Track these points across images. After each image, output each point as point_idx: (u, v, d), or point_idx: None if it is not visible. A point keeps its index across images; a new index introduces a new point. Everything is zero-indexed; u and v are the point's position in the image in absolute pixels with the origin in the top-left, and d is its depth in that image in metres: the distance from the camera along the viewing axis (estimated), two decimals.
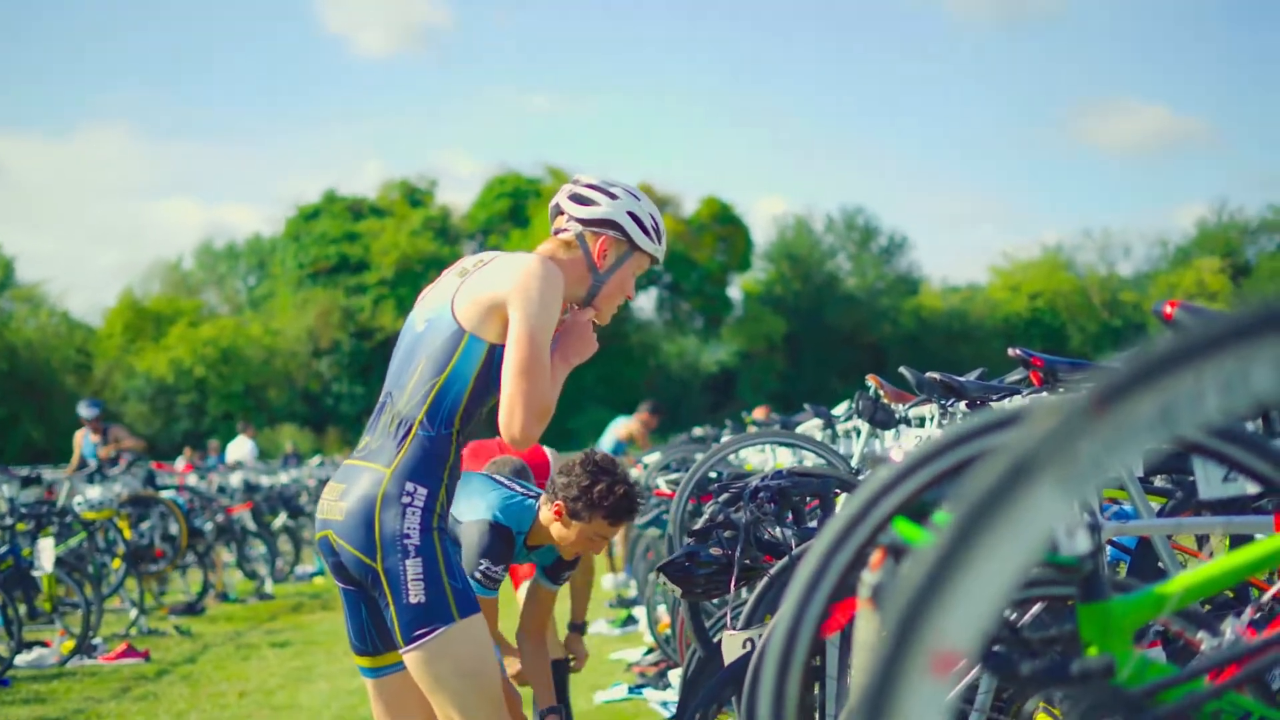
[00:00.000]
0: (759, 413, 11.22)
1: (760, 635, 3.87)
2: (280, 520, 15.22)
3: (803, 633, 1.81)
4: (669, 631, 8.48)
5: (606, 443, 14.94)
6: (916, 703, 1.03)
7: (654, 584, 8.54)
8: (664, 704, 7.32)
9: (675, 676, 7.81)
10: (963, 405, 4.89)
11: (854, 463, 6.41)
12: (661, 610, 8.55)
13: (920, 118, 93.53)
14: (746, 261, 65.23)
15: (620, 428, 15.34)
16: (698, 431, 13.28)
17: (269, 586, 14.04)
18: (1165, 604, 2.07)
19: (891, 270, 71.04)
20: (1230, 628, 2.47)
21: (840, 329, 66.23)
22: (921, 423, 5.88)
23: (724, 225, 62.28)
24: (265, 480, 17.08)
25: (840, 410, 8.74)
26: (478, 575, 4.41)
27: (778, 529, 4.06)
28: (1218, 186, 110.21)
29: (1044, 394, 3.56)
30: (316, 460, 24.78)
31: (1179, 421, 1.05)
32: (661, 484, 7.62)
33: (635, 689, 7.83)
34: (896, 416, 6.17)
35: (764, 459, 9.10)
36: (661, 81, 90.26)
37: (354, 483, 3.54)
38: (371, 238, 57.79)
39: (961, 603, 1.03)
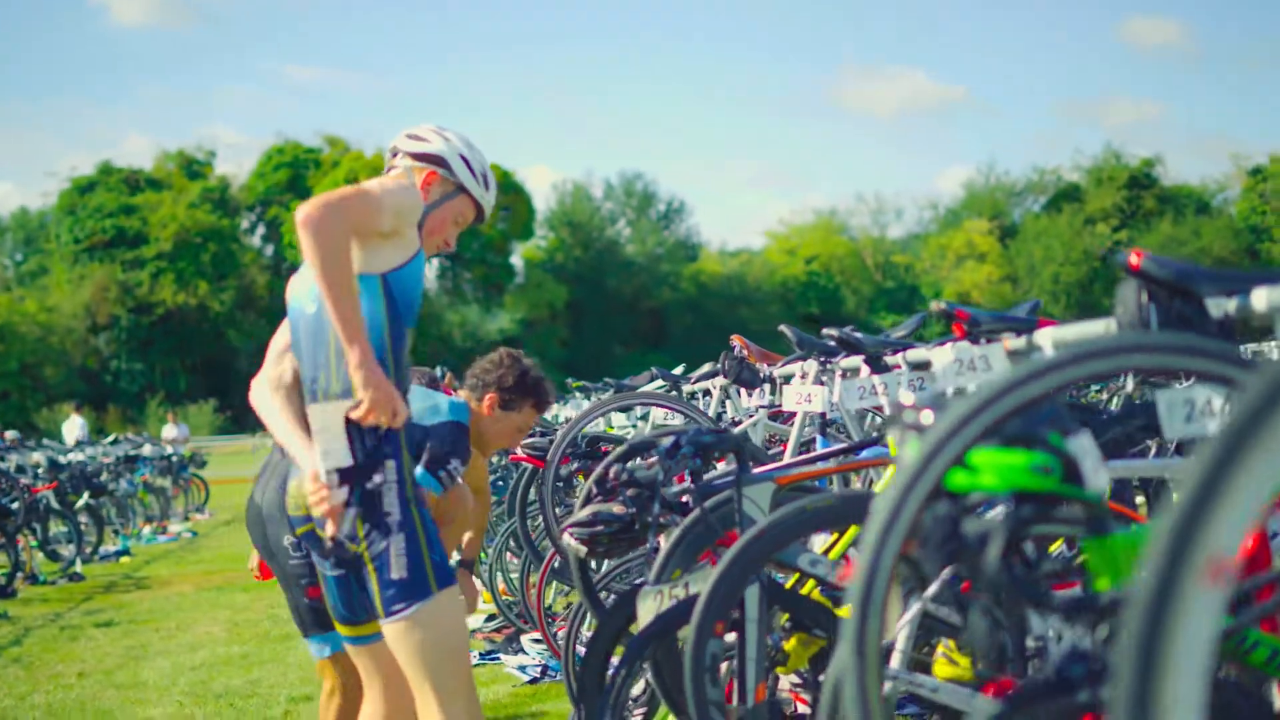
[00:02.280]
0: None
1: (679, 590, 3.92)
2: (83, 500, 14.73)
3: (880, 577, 1.87)
4: (510, 598, 8.49)
5: None
6: (1194, 610, 1.10)
7: (496, 550, 8.54)
8: (521, 668, 7.34)
9: (527, 641, 7.84)
10: (846, 360, 5.04)
11: (712, 420, 6.53)
12: (500, 576, 8.57)
13: (692, 84, 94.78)
14: (529, 230, 65.22)
15: None
16: None
17: (78, 567, 13.58)
18: None
19: (671, 236, 71.86)
20: None
21: (621, 295, 66.80)
22: (788, 380, 6.03)
23: (506, 193, 62.16)
24: (63, 459, 16.45)
25: (678, 371, 8.89)
26: (442, 475, 4.44)
27: (675, 486, 4.11)
28: (983, 150, 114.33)
29: (948, 344, 3.70)
30: (110, 439, 23.98)
31: None
32: (517, 449, 7.60)
33: (487, 654, 7.83)
34: (761, 376, 6.31)
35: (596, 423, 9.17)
36: (434, 50, 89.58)
37: None
38: (149, 210, 55.97)
39: (1230, 512, 1.10)
